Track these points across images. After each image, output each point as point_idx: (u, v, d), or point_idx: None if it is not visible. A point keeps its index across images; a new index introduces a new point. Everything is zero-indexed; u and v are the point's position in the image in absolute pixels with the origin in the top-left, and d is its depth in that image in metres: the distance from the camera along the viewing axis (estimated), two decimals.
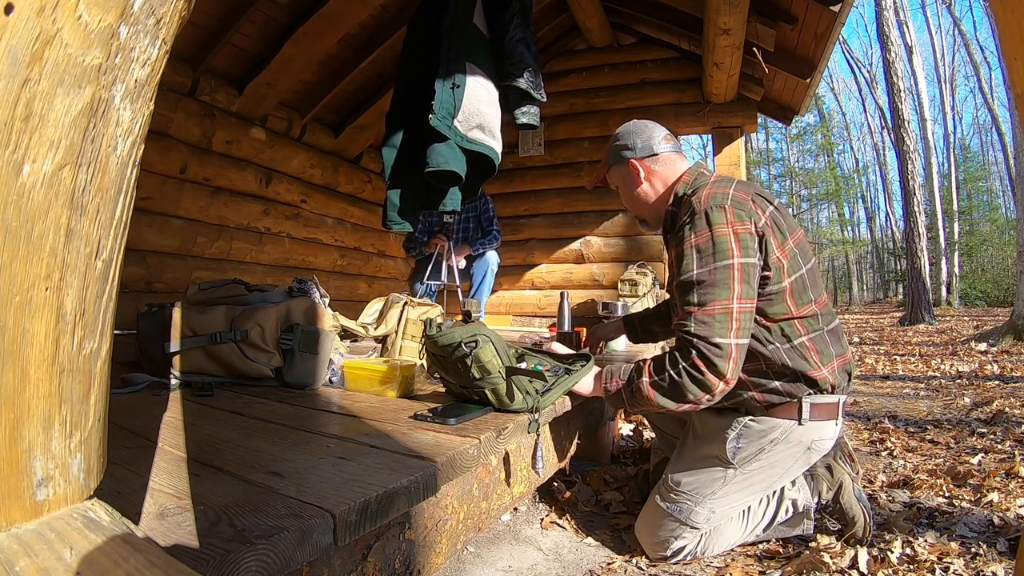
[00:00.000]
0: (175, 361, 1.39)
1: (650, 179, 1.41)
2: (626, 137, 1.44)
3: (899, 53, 11.20)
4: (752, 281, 1.18)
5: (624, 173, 1.44)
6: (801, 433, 1.26)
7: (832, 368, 1.26)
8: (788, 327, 1.24)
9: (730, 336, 1.15)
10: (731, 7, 2.86)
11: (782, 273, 1.22)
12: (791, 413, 1.26)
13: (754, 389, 1.27)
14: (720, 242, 1.18)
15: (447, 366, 1.23)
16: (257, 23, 3.03)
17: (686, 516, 1.29)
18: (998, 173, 24.99)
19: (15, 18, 0.39)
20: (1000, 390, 3.39)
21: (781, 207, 1.29)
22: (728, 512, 1.32)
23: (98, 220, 0.48)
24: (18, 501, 0.44)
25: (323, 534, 0.63)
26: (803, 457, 1.30)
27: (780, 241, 1.23)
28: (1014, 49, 0.45)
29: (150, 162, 2.85)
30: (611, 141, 1.48)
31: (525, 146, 4.65)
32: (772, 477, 1.31)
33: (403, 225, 2.37)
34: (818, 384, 1.24)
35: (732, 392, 1.28)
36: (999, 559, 1.27)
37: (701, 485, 1.31)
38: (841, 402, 1.29)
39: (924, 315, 9.98)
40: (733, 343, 1.15)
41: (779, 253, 1.22)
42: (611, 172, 1.48)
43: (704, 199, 1.23)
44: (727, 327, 1.15)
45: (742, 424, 1.30)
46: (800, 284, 1.24)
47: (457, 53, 2.09)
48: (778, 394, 1.26)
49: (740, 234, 1.18)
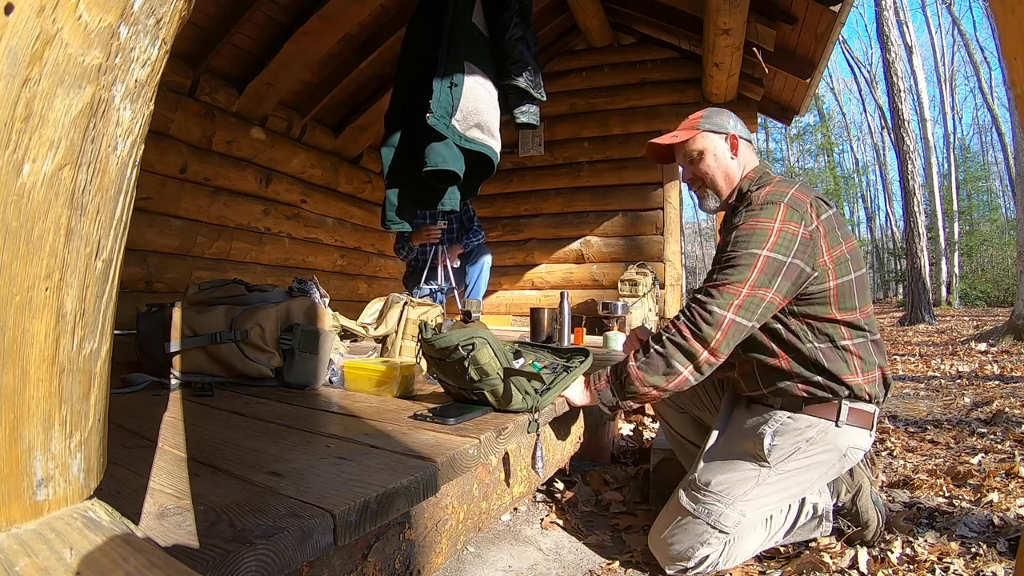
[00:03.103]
0: (175, 361, 1.39)
1: (739, 158, 1.43)
2: (722, 115, 1.46)
3: (899, 53, 11.20)
4: (775, 277, 1.19)
5: (718, 143, 1.43)
6: (837, 435, 1.25)
7: (872, 377, 1.26)
8: (832, 328, 1.24)
9: (728, 310, 1.16)
10: (731, 7, 2.87)
11: (827, 276, 1.23)
12: (830, 413, 1.25)
13: (796, 379, 1.26)
14: (760, 233, 1.20)
15: (445, 368, 1.23)
16: (257, 23, 3.03)
17: (715, 519, 1.23)
18: (998, 173, 24.97)
19: (15, 18, 0.39)
20: (1000, 390, 3.39)
21: (838, 214, 1.30)
22: (758, 516, 1.28)
23: (98, 220, 0.48)
24: (18, 501, 0.44)
25: (323, 534, 0.63)
26: (837, 464, 1.28)
27: (830, 245, 1.24)
28: (1014, 49, 0.45)
29: (150, 162, 2.85)
30: (701, 112, 1.47)
31: (525, 146, 4.65)
32: (806, 481, 1.28)
33: (402, 225, 2.37)
34: (854, 390, 1.23)
35: (773, 378, 1.28)
36: (999, 559, 1.27)
37: (733, 485, 1.26)
38: (876, 414, 1.28)
39: (924, 315, 9.98)
40: (729, 316, 1.16)
41: (827, 257, 1.23)
42: (702, 137, 1.43)
43: (764, 195, 1.27)
44: (729, 302, 1.17)
45: (779, 421, 1.27)
46: (847, 289, 1.25)
47: (456, 52, 2.09)
48: (820, 388, 1.25)
49: (783, 231, 1.20)
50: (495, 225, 4.70)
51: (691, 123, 1.47)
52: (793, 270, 1.20)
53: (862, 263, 1.30)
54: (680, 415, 1.63)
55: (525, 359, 1.43)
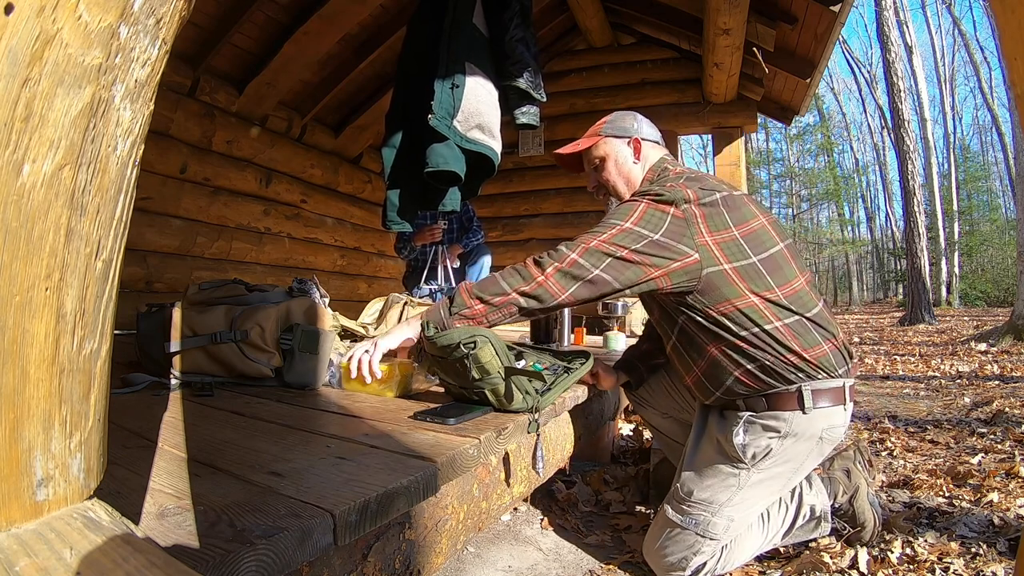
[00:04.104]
0: (175, 361, 1.39)
1: (641, 161, 1.43)
2: (627, 118, 1.46)
3: (899, 53, 11.20)
4: (635, 242, 1.17)
5: (620, 147, 1.43)
6: (808, 423, 1.20)
7: (821, 352, 1.20)
8: (754, 313, 1.19)
9: (574, 252, 1.18)
10: (731, 7, 2.87)
11: (714, 257, 1.19)
12: (792, 403, 1.21)
13: (740, 371, 1.22)
14: (623, 209, 1.23)
15: (446, 367, 1.23)
16: (257, 23, 3.03)
17: (704, 528, 1.22)
18: (998, 173, 24.97)
19: (15, 18, 0.39)
20: (1000, 390, 3.39)
21: (733, 198, 1.25)
22: (747, 519, 1.26)
23: (98, 220, 0.48)
24: (18, 501, 0.44)
25: (323, 534, 0.63)
26: (816, 449, 1.24)
27: (711, 228, 1.20)
28: (1014, 49, 0.45)
29: (150, 162, 2.85)
30: (608, 117, 1.49)
31: (525, 146, 4.65)
32: (787, 474, 1.25)
33: (403, 225, 2.37)
34: (806, 371, 1.19)
35: (716, 376, 1.25)
36: (999, 559, 1.27)
37: (715, 493, 1.24)
38: (847, 386, 1.23)
39: (924, 315, 9.98)
40: (574, 256, 1.17)
41: (709, 238, 1.19)
42: (604, 143, 1.44)
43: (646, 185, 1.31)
44: (576, 247, 1.19)
45: (744, 419, 1.24)
46: (752, 271, 1.20)
47: (457, 53, 2.09)
48: (769, 376, 1.20)
49: (646, 209, 1.21)
50: (495, 225, 4.70)
51: (595, 129, 1.48)
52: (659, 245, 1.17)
53: (776, 239, 1.24)
54: (664, 419, 1.62)
55: (527, 360, 1.43)
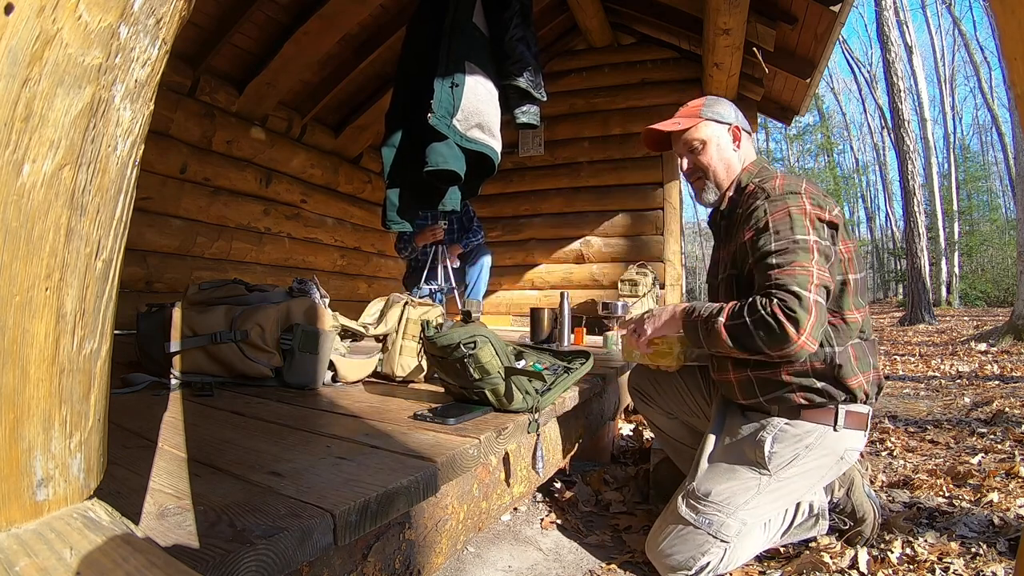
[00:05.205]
0: (175, 361, 1.39)
1: (741, 151, 1.41)
2: (722, 104, 1.43)
3: (899, 53, 11.19)
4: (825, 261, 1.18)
5: (721, 133, 1.40)
6: (835, 440, 1.23)
7: (868, 378, 1.24)
8: (840, 328, 1.23)
9: (810, 290, 1.11)
10: (731, 7, 2.86)
11: (846, 267, 1.23)
12: (827, 418, 1.23)
13: (796, 388, 1.24)
14: (797, 219, 1.19)
15: (446, 367, 1.23)
16: (257, 23, 3.03)
17: (717, 529, 1.21)
18: (998, 173, 24.96)
19: (15, 18, 0.39)
20: (1000, 390, 3.39)
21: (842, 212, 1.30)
22: (757, 523, 1.26)
23: (98, 220, 0.48)
24: (18, 501, 0.44)
25: (323, 534, 0.63)
26: (835, 467, 1.27)
27: (845, 236, 1.25)
28: (1014, 49, 0.45)
29: (150, 162, 2.85)
30: (701, 100, 1.45)
31: (525, 146, 4.65)
32: (805, 486, 1.27)
33: (403, 225, 2.37)
34: (854, 392, 1.22)
35: (772, 386, 1.26)
36: (999, 559, 1.27)
37: (734, 494, 1.23)
38: (870, 414, 1.27)
39: (924, 315, 9.97)
40: (812, 298, 1.11)
41: (843, 246, 1.23)
42: (705, 125, 1.40)
43: (779, 187, 1.25)
44: (808, 281, 1.12)
45: (777, 428, 1.25)
46: (859, 286, 1.25)
47: (457, 52, 2.09)
48: (819, 395, 1.23)
49: (813, 217, 1.20)
50: (495, 225, 4.70)
51: (692, 111, 1.42)
52: (831, 251, 1.20)
53: (864, 263, 1.31)
54: (670, 420, 1.61)
55: (527, 360, 1.43)
